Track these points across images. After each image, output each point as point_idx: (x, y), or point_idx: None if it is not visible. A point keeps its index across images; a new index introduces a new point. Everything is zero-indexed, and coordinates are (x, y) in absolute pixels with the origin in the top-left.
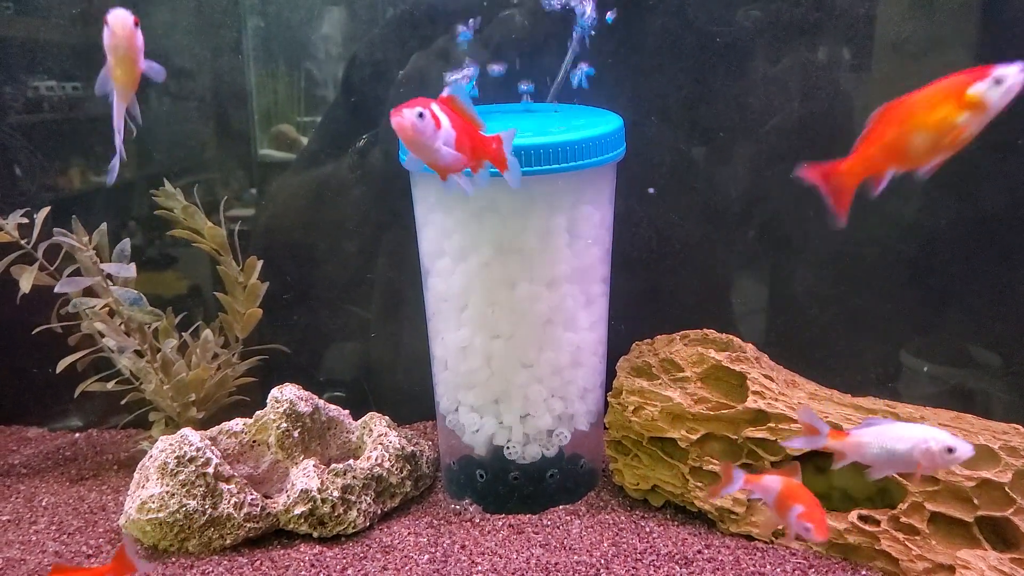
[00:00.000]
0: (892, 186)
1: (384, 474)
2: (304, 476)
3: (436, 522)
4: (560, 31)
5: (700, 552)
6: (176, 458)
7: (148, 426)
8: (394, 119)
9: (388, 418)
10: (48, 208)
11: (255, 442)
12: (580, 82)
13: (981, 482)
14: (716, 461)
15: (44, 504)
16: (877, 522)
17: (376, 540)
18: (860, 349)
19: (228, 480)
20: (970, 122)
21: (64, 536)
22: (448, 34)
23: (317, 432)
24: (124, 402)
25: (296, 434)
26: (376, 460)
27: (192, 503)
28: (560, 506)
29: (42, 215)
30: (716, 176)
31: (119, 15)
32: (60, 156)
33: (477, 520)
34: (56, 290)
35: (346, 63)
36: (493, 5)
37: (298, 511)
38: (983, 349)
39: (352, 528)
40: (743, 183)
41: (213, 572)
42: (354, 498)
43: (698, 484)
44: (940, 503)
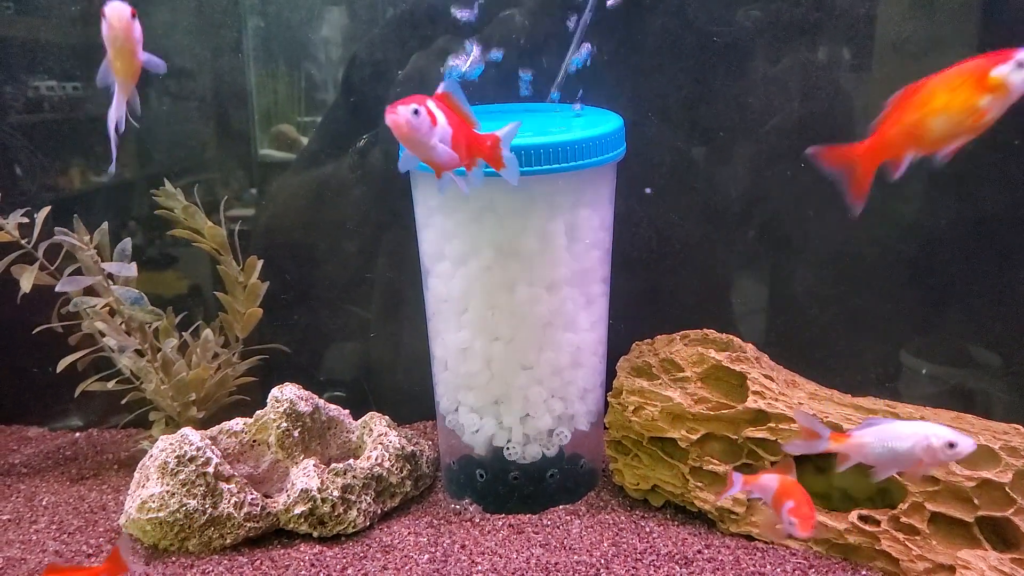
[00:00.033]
0: (892, 186)
1: (384, 474)
2: (304, 476)
3: (436, 522)
4: (560, 31)
5: (700, 552)
6: (176, 457)
7: (148, 425)
8: (388, 116)
9: (388, 418)
10: (48, 208)
11: (255, 442)
12: (584, 62)
13: (981, 482)
14: (716, 461)
15: (44, 503)
16: (877, 522)
17: (376, 540)
18: (860, 349)
19: (228, 480)
20: (992, 105)
21: (64, 535)
22: (448, 34)
23: (317, 432)
24: (124, 401)
25: (296, 434)
26: (376, 460)
27: (192, 502)
28: (560, 506)
29: (42, 215)
30: (716, 176)
31: (116, 7)
32: (60, 156)
33: (477, 520)
34: (57, 289)
35: (346, 63)
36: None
37: (298, 511)
38: (983, 349)
39: (352, 528)
40: (743, 183)
41: (213, 572)
42: (354, 498)
43: (698, 484)
44: (940, 503)
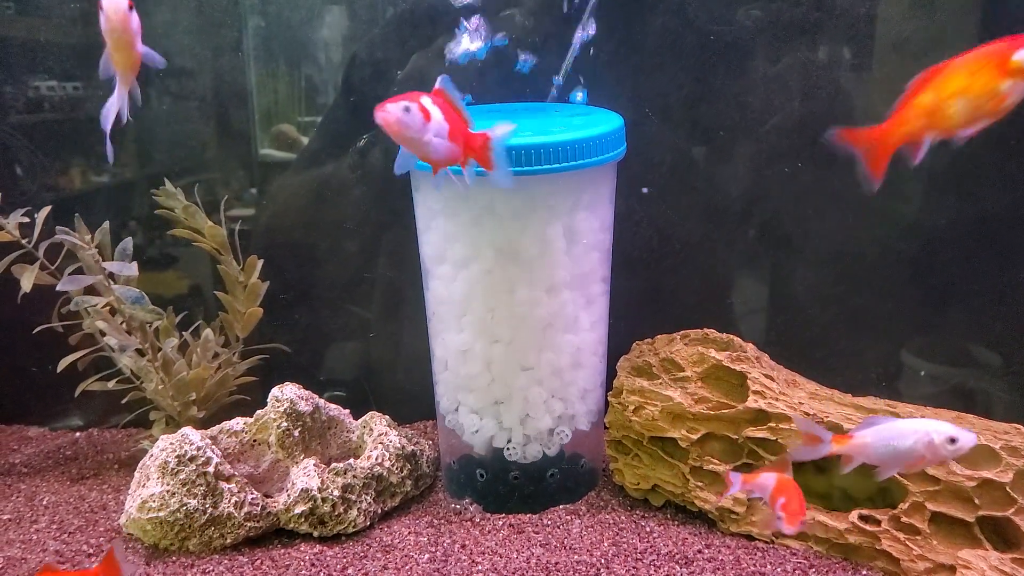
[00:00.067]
0: (892, 186)
1: (384, 473)
2: (304, 475)
3: (436, 521)
4: (561, 31)
5: (700, 552)
6: (177, 457)
7: (149, 425)
8: (378, 114)
9: (388, 417)
10: (49, 207)
11: (256, 441)
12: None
13: (982, 482)
14: (716, 461)
15: (45, 503)
16: (878, 522)
17: (376, 539)
18: (861, 349)
19: (229, 479)
20: (1013, 90)
21: (65, 535)
22: (448, 34)
23: (317, 431)
24: (125, 401)
25: (296, 433)
26: (376, 459)
27: (193, 502)
28: (560, 506)
29: (43, 214)
30: (717, 175)
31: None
32: (61, 156)
33: (477, 519)
34: (58, 288)
35: (346, 63)
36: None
37: (298, 510)
38: (984, 349)
39: (352, 527)
40: (744, 182)
41: (214, 571)
42: (354, 497)
43: (698, 484)
44: (941, 503)
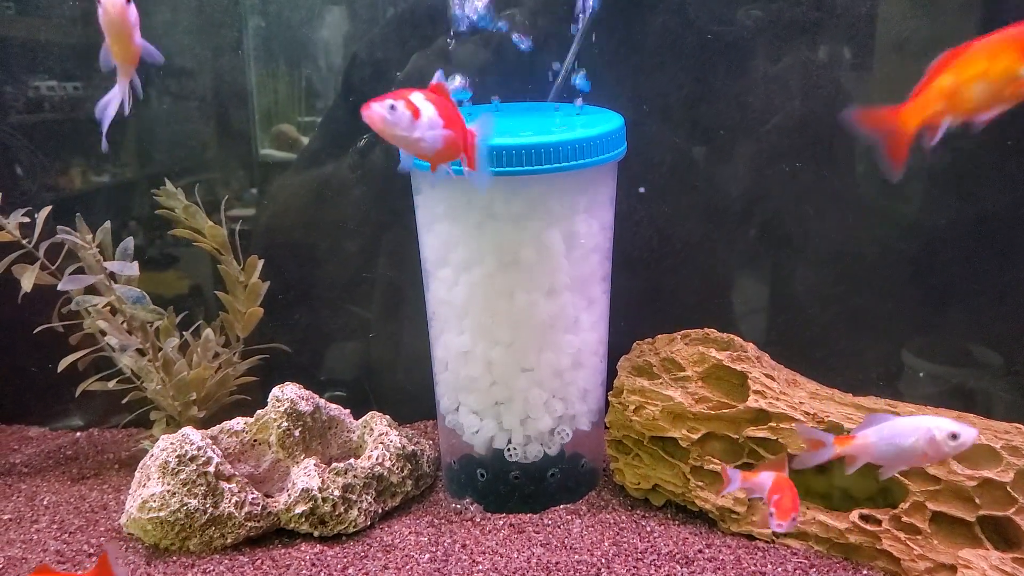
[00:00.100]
0: (892, 186)
1: (385, 473)
2: (305, 475)
3: (437, 521)
4: (561, 31)
5: (701, 551)
6: (177, 457)
7: (149, 425)
8: (364, 113)
9: (389, 417)
10: (49, 207)
11: (256, 441)
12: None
13: (983, 481)
14: (717, 460)
15: (45, 503)
16: (879, 521)
17: (377, 539)
18: (861, 348)
19: (229, 479)
20: None
21: (65, 535)
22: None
23: (318, 431)
24: (125, 401)
25: (297, 433)
26: (377, 459)
27: (193, 502)
28: (561, 505)
29: (43, 214)
30: (717, 175)
31: None
32: (61, 156)
33: (478, 519)
34: (59, 288)
35: (346, 63)
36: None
37: (299, 510)
38: (984, 348)
39: (353, 527)
40: (744, 182)
41: (214, 571)
42: (355, 497)
43: (699, 483)
44: (942, 502)
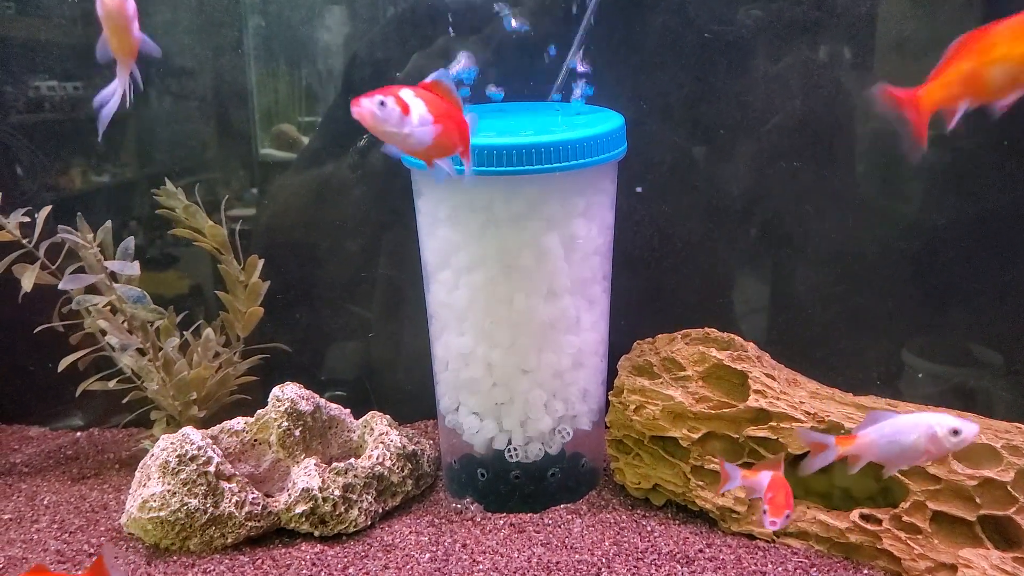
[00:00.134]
0: (892, 185)
1: (385, 473)
2: (305, 475)
3: (437, 521)
4: (562, 31)
5: (701, 551)
6: (178, 457)
7: (149, 425)
8: (353, 109)
9: (389, 417)
10: (49, 207)
11: (256, 441)
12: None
13: (983, 481)
14: (717, 460)
15: (46, 503)
16: (879, 521)
17: (377, 539)
18: (862, 348)
19: (230, 479)
20: None
21: (66, 535)
22: (448, 33)
23: (318, 431)
24: (125, 401)
25: (297, 433)
26: (377, 459)
27: (194, 502)
28: (561, 505)
29: (43, 214)
30: (717, 174)
31: None
32: (61, 156)
33: (478, 519)
34: (60, 287)
35: (347, 62)
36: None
37: (299, 510)
38: (985, 348)
39: (353, 527)
40: (744, 181)
41: (215, 571)
42: (355, 497)
43: (699, 483)
44: (942, 502)
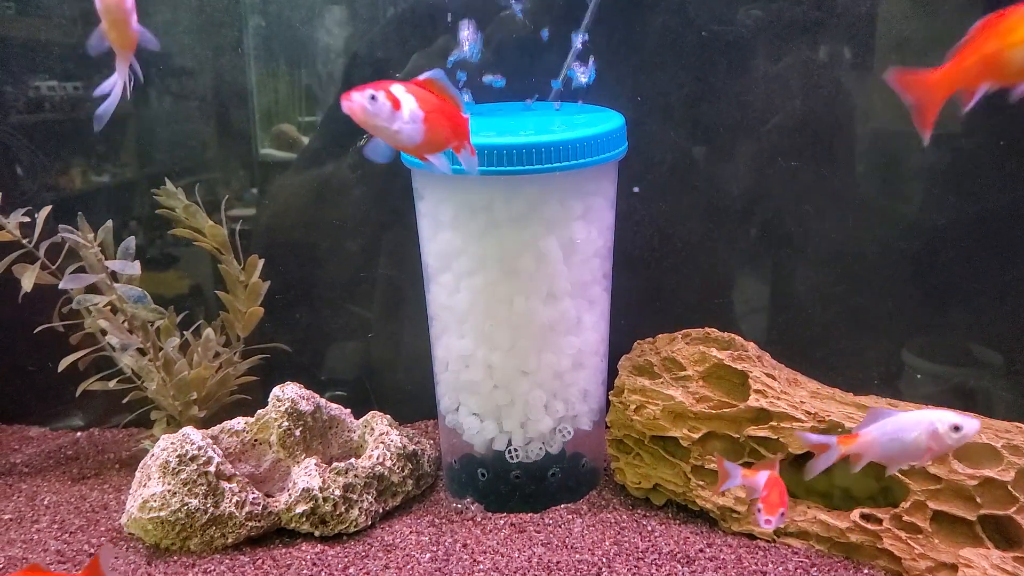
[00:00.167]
0: (893, 185)
1: (386, 473)
2: (306, 475)
3: (438, 521)
4: (562, 30)
5: (702, 551)
6: (178, 457)
7: (150, 425)
8: (344, 103)
9: (390, 417)
10: (49, 207)
11: (257, 441)
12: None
13: (984, 480)
14: (716, 459)
15: (46, 503)
16: (880, 521)
17: (378, 539)
18: (862, 348)
19: (230, 479)
20: None
21: (66, 535)
22: (448, 33)
23: (319, 431)
24: (126, 401)
25: (298, 433)
26: (378, 459)
27: (194, 502)
28: (562, 505)
29: (43, 214)
30: (717, 174)
31: None
32: (61, 156)
33: (479, 519)
34: (61, 287)
35: (347, 62)
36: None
37: (300, 510)
38: (985, 348)
39: (354, 527)
40: (745, 181)
41: (215, 571)
42: (356, 497)
43: (700, 483)
44: (943, 502)
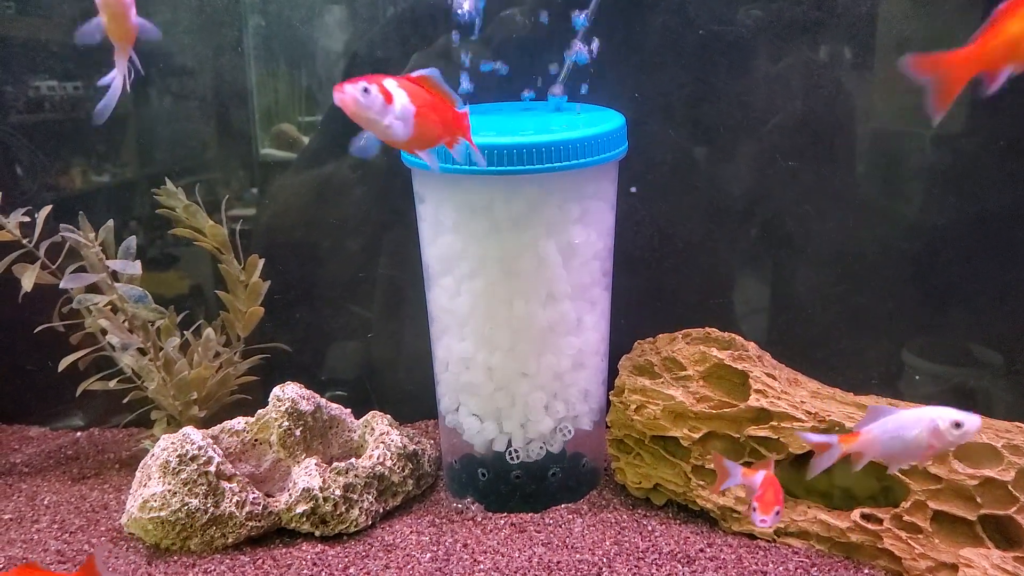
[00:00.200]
0: (893, 185)
1: (386, 473)
2: (306, 475)
3: (438, 521)
4: (563, 30)
5: (702, 551)
6: (178, 457)
7: (150, 425)
8: (336, 95)
9: (390, 417)
10: (49, 207)
11: (257, 441)
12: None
13: (984, 480)
14: (714, 457)
15: (46, 503)
16: (880, 520)
17: (378, 539)
18: (862, 348)
19: (230, 479)
20: None
21: (66, 535)
22: (448, 33)
23: (319, 431)
24: (126, 401)
25: (298, 433)
26: (378, 459)
27: (194, 502)
28: (562, 505)
29: (43, 214)
30: (718, 174)
31: None
32: (61, 155)
33: (479, 519)
34: (61, 286)
35: (347, 62)
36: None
37: (300, 510)
38: (985, 348)
39: (354, 527)
40: (745, 182)
41: (215, 571)
42: (356, 497)
43: (700, 483)
44: (943, 501)
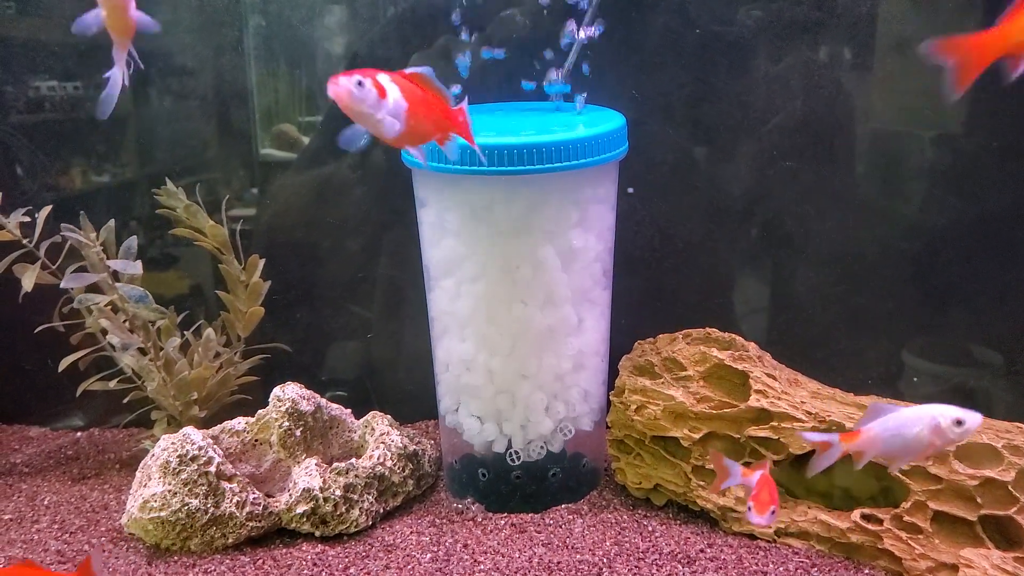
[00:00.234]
0: (893, 186)
1: (386, 473)
2: (306, 475)
3: (438, 521)
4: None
5: (703, 551)
6: (178, 457)
7: (150, 425)
8: (330, 88)
9: (390, 417)
10: (49, 207)
11: (257, 441)
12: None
13: (984, 481)
14: (713, 456)
15: (46, 503)
16: (880, 521)
17: (378, 539)
18: (862, 348)
19: (230, 479)
20: None
21: (66, 535)
22: (448, 33)
23: (319, 431)
24: (126, 401)
25: (298, 433)
26: (378, 459)
27: (194, 502)
28: (563, 505)
29: (43, 214)
30: (718, 175)
31: None
32: (61, 156)
33: (479, 519)
34: (62, 286)
35: (347, 62)
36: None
37: (300, 510)
38: (985, 348)
39: (354, 527)
40: (745, 182)
41: (215, 571)
42: (356, 497)
43: (700, 483)
44: (943, 502)
